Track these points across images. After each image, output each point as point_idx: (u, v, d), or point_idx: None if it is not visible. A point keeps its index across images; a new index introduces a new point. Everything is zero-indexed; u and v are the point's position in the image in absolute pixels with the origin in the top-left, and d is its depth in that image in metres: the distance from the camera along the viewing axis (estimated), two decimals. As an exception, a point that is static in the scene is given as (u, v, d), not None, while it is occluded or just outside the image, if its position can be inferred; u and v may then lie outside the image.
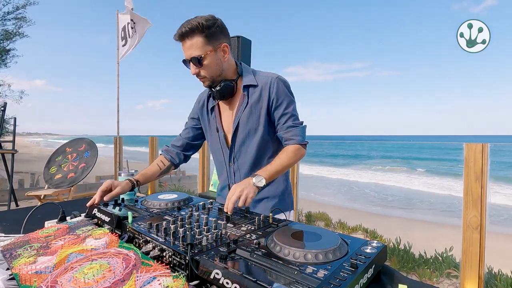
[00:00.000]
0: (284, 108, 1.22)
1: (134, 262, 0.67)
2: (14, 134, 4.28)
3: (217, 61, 1.17)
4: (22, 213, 1.18)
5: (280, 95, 1.22)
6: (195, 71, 1.17)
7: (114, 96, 5.61)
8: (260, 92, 1.23)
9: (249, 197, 1.02)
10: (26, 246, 0.81)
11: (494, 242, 2.38)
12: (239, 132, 1.27)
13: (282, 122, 1.22)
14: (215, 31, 1.12)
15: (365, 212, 6.59)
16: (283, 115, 1.22)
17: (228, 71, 1.23)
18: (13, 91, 16.21)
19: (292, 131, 1.21)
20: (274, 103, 1.22)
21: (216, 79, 1.20)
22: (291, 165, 1.21)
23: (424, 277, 2.71)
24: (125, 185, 1.20)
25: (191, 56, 1.13)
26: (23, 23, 15.08)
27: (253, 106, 1.24)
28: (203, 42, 1.11)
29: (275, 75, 1.26)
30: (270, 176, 1.11)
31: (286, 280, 0.57)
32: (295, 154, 1.19)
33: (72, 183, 3.84)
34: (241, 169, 1.30)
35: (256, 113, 1.24)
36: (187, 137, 1.44)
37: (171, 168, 1.44)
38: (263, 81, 1.24)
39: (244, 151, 1.28)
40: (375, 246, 0.73)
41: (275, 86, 1.22)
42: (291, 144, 1.21)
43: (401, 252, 3.07)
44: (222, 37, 1.16)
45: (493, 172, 2.03)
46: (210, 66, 1.16)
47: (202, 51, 1.12)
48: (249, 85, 1.25)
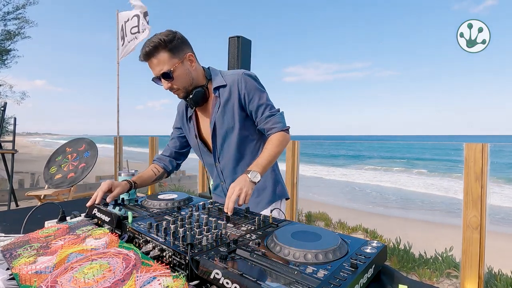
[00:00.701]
0: (257, 101, 1.25)
1: (134, 262, 0.67)
2: (14, 134, 4.27)
3: (186, 71, 1.20)
4: (22, 213, 1.18)
5: (250, 89, 1.25)
6: (168, 85, 1.20)
7: (114, 96, 5.62)
8: (230, 90, 1.27)
9: (248, 194, 1.05)
10: (26, 246, 0.81)
11: (493, 242, 2.38)
12: (218, 132, 1.30)
13: (260, 114, 1.25)
14: (177, 43, 1.16)
15: (364, 212, 6.59)
16: (259, 107, 1.25)
17: (198, 78, 1.26)
18: (14, 92, 16.23)
19: (272, 120, 1.24)
20: (246, 98, 1.25)
21: (189, 88, 1.24)
22: (280, 153, 1.23)
23: (424, 277, 2.71)
24: (124, 186, 1.21)
25: (161, 72, 1.16)
26: (25, 24, 15.10)
27: (225, 105, 1.27)
28: (168, 56, 1.15)
29: (241, 71, 1.29)
30: (263, 168, 1.14)
31: (286, 280, 0.57)
32: (281, 141, 1.22)
33: (72, 183, 3.84)
34: (227, 166, 1.34)
35: (230, 111, 1.27)
36: (174, 146, 1.49)
37: (164, 175, 1.48)
38: (230, 79, 1.27)
39: (226, 149, 1.32)
40: (375, 246, 0.73)
41: (242, 81, 1.25)
42: (274, 132, 1.24)
43: (401, 252, 3.07)
44: (185, 47, 1.20)
45: (493, 173, 2.03)
46: (181, 78, 1.19)
47: (170, 65, 1.15)
48: (218, 86, 1.28)
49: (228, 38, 2.91)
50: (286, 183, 3.30)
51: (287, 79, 54.16)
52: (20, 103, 16.44)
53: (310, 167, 16.04)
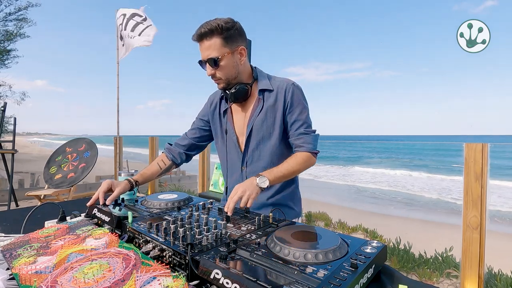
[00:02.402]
0: (297, 115, 1.22)
1: (134, 262, 0.67)
2: (14, 134, 4.27)
3: (234, 64, 1.17)
4: (22, 213, 1.18)
5: (295, 101, 1.22)
6: (211, 72, 1.17)
7: (114, 96, 5.62)
8: (276, 97, 1.23)
9: (251, 198, 1.02)
10: (26, 246, 0.81)
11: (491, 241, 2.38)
12: (253, 136, 1.26)
13: (294, 129, 1.22)
14: (233, 33, 1.13)
15: (364, 212, 6.60)
16: (296, 122, 1.22)
17: (244, 74, 1.23)
18: (14, 92, 16.22)
19: (303, 138, 1.21)
20: (288, 108, 1.22)
21: (232, 81, 1.20)
22: (299, 172, 1.20)
23: (424, 277, 2.71)
24: (125, 185, 1.20)
25: (208, 57, 1.13)
26: (25, 24, 15.10)
27: (268, 111, 1.23)
28: (221, 43, 1.12)
29: (291, 81, 1.26)
30: (275, 178, 1.11)
31: (286, 280, 0.57)
32: (304, 161, 1.19)
33: (72, 183, 3.84)
34: (253, 173, 1.28)
35: (271, 118, 1.24)
36: (193, 137, 1.42)
37: (172, 167, 1.42)
38: (278, 86, 1.24)
39: (257, 155, 1.27)
40: (375, 246, 0.73)
41: (290, 91, 1.22)
42: (301, 151, 1.20)
43: (401, 252, 3.07)
44: (240, 40, 1.16)
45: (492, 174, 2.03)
46: (226, 68, 1.16)
47: (220, 53, 1.12)
48: (264, 90, 1.25)
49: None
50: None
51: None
52: (20, 103, 16.44)
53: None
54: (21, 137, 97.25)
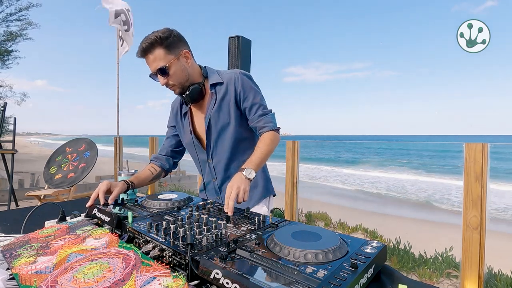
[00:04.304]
0: (251, 100, 1.28)
1: (134, 262, 0.67)
2: (14, 134, 4.27)
3: (182, 68, 1.22)
4: (22, 213, 1.18)
5: (246, 88, 1.28)
6: (164, 81, 1.22)
7: (114, 96, 5.62)
8: (226, 87, 1.29)
9: (246, 191, 1.07)
10: (26, 246, 0.81)
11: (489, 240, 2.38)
12: (212, 129, 1.32)
13: (253, 113, 1.29)
14: (172, 40, 1.18)
15: (364, 212, 6.60)
16: (252, 106, 1.28)
17: (194, 75, 1.29)
18: (14, 92, 16.22)
19: (264, 119, 1.27)
20: (241, 96, 1.28)
21: (185, 84, 1.26)
22: (271, 151, 1.26)
23: (424, 277, 2.71)
24: (122, 186, 1.21)
25: (156, 68, 1.18)
26: (27, 26, 15.10)
27: (221, 102, 1.30)
28: (164, 52, 1.17)
29: (238, 70, 1.33)
30: (257, 165, 1.17)
31: (286, 280, 0.57)
32: (272, 140, 1.25)
33: (72, 183, 3.84)
34: (220, 163, 1.36)
35: (225, 108, 1.30)
36: (170, 145, 1.50)
37: (162, 174, 1.49)
38: (227, 78, 1.31)
39: (220, 146, 1.34)
40: (375, 246, 0.73)
41: (239, 80, 1.28)
42: (265, 131, 1.27)
43: (401, 252, 3.07)
44: (181, 44, 1.22)
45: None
46: (176, 74, 1.21)
47: (166, 61, 1.18)
48: (215, 84, 1.31)
49: (228, 38, 2.91)
50: (286, 183, 3.30)
51: (287, 79, 53.58)
52: (20, 103, 16.43)
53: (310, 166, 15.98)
54: (21, 137, 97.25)
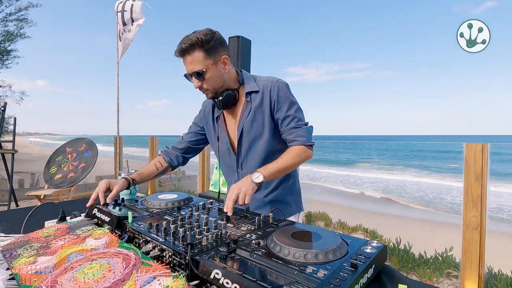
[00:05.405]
0: (286, 110, 1.22)
1: (134, 262, 0.67)
2: (14, 134, 4.27)
3: (218, 74, 1.18)
4: (22, 213, 1.18)
5: (281, 97, 1.22)
6: (198, 84, 1.19)
7: (114, 96, 5.61)
8: (262, 96, 1.24)
9: (248, 194, 1.03)
10: (26, 246, 0.81)
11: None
12: (244, 138, 1.28)
13: (285, 124, 1.23)
14: (214, 44, 1.14)
15: (364, 211, 6.60)
16: (286, 118, 1.22)
17: (230, 81, 1.24)
18: (14, 92, 16.21)
19: (295, 132, 1.21)
20: (275, 106, 1.23)
21: (219, 90, 1.22)
22: (295, 166, 1.21)
23: (424, 277, 2.71)
24: (122, 183, 1.20)
25: (193, 71, 1.15)
26: (25, 24, 15.09)
27: (256, 111, 1.25)
28: (203, 56, 1.13)
29: (276, 78, 1.27)
30: (270, 174, 1.11)
31: (286, 280, 0.57)
32: (299, 154, 1.19)
33: (72, 183, 3.84)
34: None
35: (260, 118, 1.25)
36: (189, 141, 1.45)
37: (168, 169, 1.45)
38: (264, 86, 1.25)
39: (251, 156, 1.29)
40: (375, 246, 0.73)
41: (275, 89, 1.23)
42: (295, 145, 1.21)
43: (401, 252, 3.07)
44: (221, 49, 1.18)
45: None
46: (212, 79, 1.18)
47: (203, 65, 1.14)
48: (251, 92, 1.26)
49: (228, 38, 2.91)
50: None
51: (287, 79, 55.91)
52: (20, 102, 16.43)
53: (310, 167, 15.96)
54: (21, 137, 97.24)
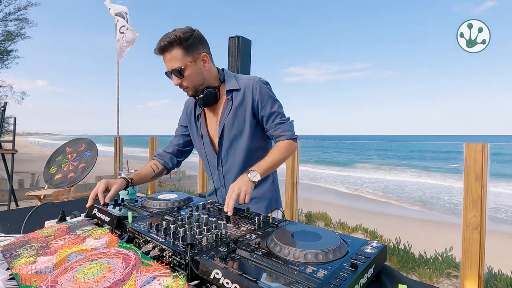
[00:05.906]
0: (270, 108, 1.25)
1: (134, 262, 0.67)
2: (14, 134, 4.27)
3: (198, 71, 1.19)
4: (22, 213, 1.18)
5: (264, 96, 1.25)
6: (177, 82, 1.20)
7: (114, 96, 5.62)
8: (243, 95, 1.26)
9: (248, 193, 1.05)
10: (26, 246, 0.81)
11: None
12: (225, 136, 1.29)
13: (271, 121, 1.26)
14: (192, 42, 1.15)
15: (364, 211, 6.60)
16: (270, 115, 1.26)
17: (210, 79, 1.25)
18: (14, 92, 16.21)
19: (281, 128, 1.25)
20: (259, 104, 1.25)
21: (199, 88, 1.23)
22: (284, 160, 1.24)
23: (424, 277, 2.71)
24: (121, 183, 1.21)
25: (172, 68, 1.16)
26: (25, 24, 15.09)
27: (237, 109, 1.27)
28: (182, 53, 1.14)
29: (257, 77, 1.29)
30: (264, 171, 1.14)
31: (286, 280, 0.57)
32: (287, 149, 1.22)
33: (72, 183, 3.83)
34: (230, 171, 1.33)
35: (241, 116, 1.27)
36: (177, 144, 1.48)
37: (163, 172, 1.47)
38: (245, 84, 1.27)
39: (232, 154, 1.31)
40: (375, 246, 0.73)
41: (257, 87, 1.25)
42: (282, 140, 1.25)
43: (401, 252, 3.07)
44: (201, 47, 1.19)
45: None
46: (191, 76, 1.19)
47: (182, 63, 1.15)
48: (232, 90, 1.28)
49: (228, 38, 2.91)
50: (286, 183, 3.30)
51: (287, 79, 53.32)
52: (21, 102, 16.43)
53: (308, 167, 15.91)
54: (21, 137, 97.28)
